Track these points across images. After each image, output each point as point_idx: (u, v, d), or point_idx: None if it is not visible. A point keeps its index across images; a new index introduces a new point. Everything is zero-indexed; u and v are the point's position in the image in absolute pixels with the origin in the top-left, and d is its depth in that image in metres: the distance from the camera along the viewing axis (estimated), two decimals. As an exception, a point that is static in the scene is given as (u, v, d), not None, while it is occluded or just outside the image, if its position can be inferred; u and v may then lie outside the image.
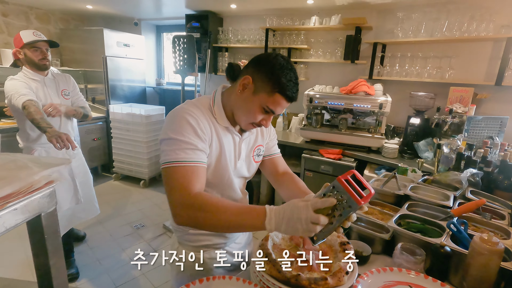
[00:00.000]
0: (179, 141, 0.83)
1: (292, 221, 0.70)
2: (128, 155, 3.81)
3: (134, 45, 4.13)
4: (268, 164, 1.15)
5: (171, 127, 0.86)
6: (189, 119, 0.86)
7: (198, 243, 1.05)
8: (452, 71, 2.58)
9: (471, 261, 0.85)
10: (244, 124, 0.95)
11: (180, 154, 0.82)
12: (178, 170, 0.81)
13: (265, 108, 0.88)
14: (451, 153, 1.89)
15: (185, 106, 0.91)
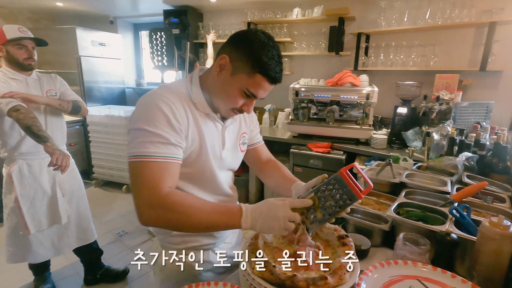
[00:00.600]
0: (150, 133, 0.73)
1: (268, 219, 0.70)
2: (109, 160, 3.62)
3: (110, 44, 3.94)
4: (251, 154, 1.07)
5: (141, 115, 0.75)
6: (163, 108, 0.75)
7: (183, 245, 0.94)
8: (436, 59, 2.57)
9: (480, 247, 0.77)
10: (224, 110, 0.84)
11: (150, 147, 0.72)
12: (148, 165, 0.72)
13: (245, 91, 0.78)
14: (442, 140, 1.85)
15: (159, 91, 0.79)
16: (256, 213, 0.70)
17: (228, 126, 0.92)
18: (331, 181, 0.73)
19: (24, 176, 1.76)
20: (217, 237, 1.00)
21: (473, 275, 0.80)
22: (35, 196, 1.80)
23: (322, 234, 0.87)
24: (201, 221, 0.71)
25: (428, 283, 0.70)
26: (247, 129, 1.01)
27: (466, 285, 0.69)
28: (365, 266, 0.79)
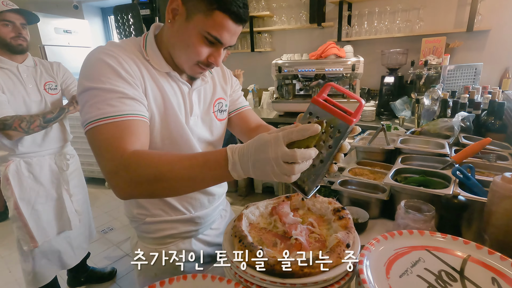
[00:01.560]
0: (99, 90, 0.60)
1: (259, 162, 0.49)
2: (86, 155, 3.40)
3: (77, 31, 3.64)
4: (236, 121, 0.91)
5: (85, 74, 0.62)
6: (107, 60, 0.62)
7: (160, 233, 0.82)
8: (422, 23, 2.46)
9: (492, 208, 0.69)
10: (187, 67, 0.71)
11: (103, 108, 0.59)
12: (104, 129, 0.59)
13: (206, 36, 0.64)
14: (433, 105, 1.77)
15: (102, 46, 0.67)
16: (245, 157, 0.51)
17: (196, 88, 0.78)
18: (307, 117, 0.54)
19: (23, 176, 1.47)
20: (200, 224, 0.87)
21: (485, 238, 0.71)
22: (37, 199, 1.52)
23: (314, 209, 0.76)
24: (181, 177, 0.54)
25: (439, 253, 0.61)
26: (225, 95, 0.87)
27: (482, 250, 0.60)
28: (365, 240, 0.69)
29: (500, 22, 2.26)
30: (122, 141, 0.58)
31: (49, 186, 1.57)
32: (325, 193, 1.05)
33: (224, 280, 0.58)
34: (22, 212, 1.47)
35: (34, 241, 1.50)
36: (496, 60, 2.31)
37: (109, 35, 4.31)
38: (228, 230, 0.68)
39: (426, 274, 0.55)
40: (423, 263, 0.58)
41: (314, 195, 0.78)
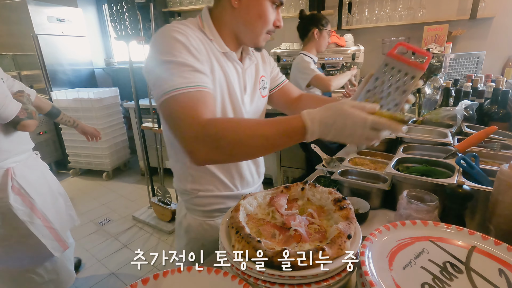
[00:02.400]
0: (172, 63, 0.64)
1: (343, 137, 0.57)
2: (84, 147, 3.38)
3: (70, 20, 3.55)
4: (279, 96, 1.00)
5: (158, 49, 0.67)
6: (177, 36, 0.66)
7: (209, 207, 0.89)
8: (424, 10, 2.41)
9: (499, 197, 0.66)
10: (260, 37, 0.77)
11: (176, 79, 0.63)
12: (178, 99, 0.62)
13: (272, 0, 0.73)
14: (435, 94, 1.74)
15: (170, 25, 0.71)
16: (327, 128, 0.56)
17: (248, 67, 0.85)
18: (382, 69, 0.63)
19: (30, 179, 1.33)
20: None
21: (490, 229, 0.69)
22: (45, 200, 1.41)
23: (314, 199, 0.74)
24: (259, 145, 0.61)
25: (443, 244, 0.59)
26: (265, 72, 0.93)
27: (488, 241, 0.58)
28: (366, 231, 0.67)
29: (504, 9, 2.21)
30: (197, 109, 0.62)
31: (41, 183, 1.45)
32: (325, 183, 1.03)
33: (220, 272, 0.56)
34: (48, 217, 1.36)
35: (64, 244, 1.43)
36: (499, 48, 2.27)
37: (104, 24, 4.21)
38: (224, 221, 0.66)
39: (431, 265, 0.53)
40: (427, 254, 0.56)
41: (313, 184, 0.75)
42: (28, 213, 1.30)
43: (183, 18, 3.36)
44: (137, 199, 2.96)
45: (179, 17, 3.37)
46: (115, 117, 3.46)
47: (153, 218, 2.55)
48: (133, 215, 2.63)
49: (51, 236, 1.38)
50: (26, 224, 1.29)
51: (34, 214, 1.32)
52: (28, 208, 1.31)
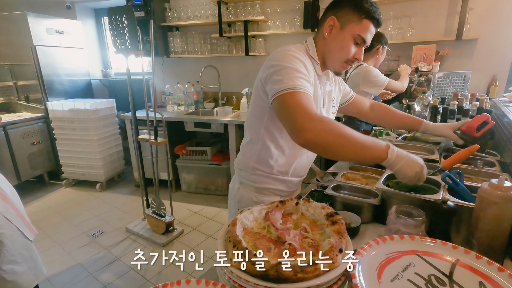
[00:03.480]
0: (293, 69, 0.84)
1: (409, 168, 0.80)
2: (78, 157, 3.37)
3: (69, 32, 3.60)
4: (352, 107, 1.23)
5: (277, 58, 0.87)
6: (294, 54, 0.87)
7: (261, 185, 1.06)
8: (413, 30, 2.52)
9: (480, 213, 0.70)
10: (338, 64, 0.95)
11: (296, 81, 0.82)
12: (297, 95, 0.80)
13: (356, 38, 0.90)
14: (424, 111, 1.81)
15: (286, 47, 0.91)
16: (400, 157, 0.79)
17: (329, 90, 1.03)
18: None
19: None
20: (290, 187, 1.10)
21: (473, 243, 0.73)
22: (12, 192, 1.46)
23: (308, 214, 0.77)
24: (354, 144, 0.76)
25: (428, 258, 0.62)
26: (335, 94, 1.10)
27: (470, 255, 0.62)
28: (357, 245, 0.71)
29: (488, 31, 2.34)
30: (311, 106, 0.79)
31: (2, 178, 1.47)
32: (318, 197, 1.06)
33: (218, 285, 0.58)
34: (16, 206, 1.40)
35: (33, 230, 1.47)
36: (484, 68, 2.38)
37: (102, 36, 4.27)
38: (222, 235, 0.69)
39: (416, 278, 0.57)
40: (413, 268, 0.59)
41: (307, 199, 0.79)
42: (3, 204, 1.35)
43: (181, 32, 3.44)
44: (131, 210, 2.94)
45: (177, 31, 3.45)
46: (110, 128, 3.47)
47: (147, 230, 2.53)
48: (127, 227, 2.61)
49: (23, 223, 1.42)
50: (3, 214, 1.34)
51: (8, 204, 1.37)
52: (2, 200, 1.36)
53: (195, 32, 3.37)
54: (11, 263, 1.40)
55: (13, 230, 1.38)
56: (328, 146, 0.76)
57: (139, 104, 3.06)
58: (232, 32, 3.18)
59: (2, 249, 1.35)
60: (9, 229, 1.37)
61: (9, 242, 1.38)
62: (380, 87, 2.01)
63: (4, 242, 1.35)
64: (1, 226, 1.35)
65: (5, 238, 1.36)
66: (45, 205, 3.12)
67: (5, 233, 1.36)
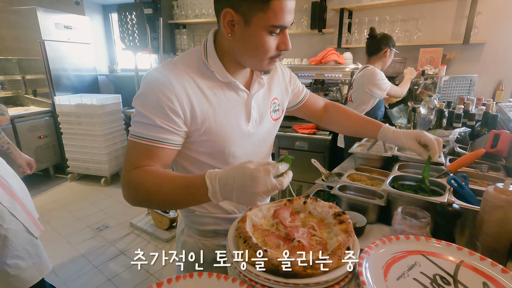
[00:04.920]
0: (140, 113, 0.69)
1: (245, 194, 0.57)
2: (84, 152, 3.40)
3: (77, 27, 3.63)
4: (304, 109, 1.04)
5: (139, 94, 0.71)
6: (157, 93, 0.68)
7: (204, 227, 0.88)
8: (420, 33, 2.52)
9: (485, 216, 0.72)
10: (261, 66, 0.73)
11: (137, 127, 0.69)
12: (131, 145, 0.69)
13: (270, 30, 0.66)
14: (429, 114, 1.82)
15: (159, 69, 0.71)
16: (228, 186, 0.57)
17: (255, 93, 0.81)
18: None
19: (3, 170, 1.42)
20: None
21: (477, 245, 0.75)
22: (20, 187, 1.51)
23: (315, 213, 0.79)
24: (167, 198, 0.64)
25: (433, 258, 0.64)
26: (279, 94, 0.90)
27: (474, 256, 0.63)
28: (363, 244, 0.72)
29: (495, 36, 2.33)
30: (136, 160, 0.68)
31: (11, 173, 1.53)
32: (324, 197, 1.08)
33: (229, 279, 0.60)
34: (24, 202, 1.43)
35: (39, 226, 1.49)
36: (490, 72, 2.38)
37: (110, 32, 4.30)
38: (232, 231, 0.71)
39: (422, 277, 0.58)
40: (419, 267, 0.61)
41: (315, 198, 0.81)
42: (10, 200, 1.38)
43: (188, 30, 3.47)
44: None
45: (184, 29, 3.47)
46: (116, 123, 3.50)
47: (151, 225, 2.56)
48: (131, 222, 2.65)
49: (29, 220, 1.44)
50: (9, 209, 1.37)
51: (15, 200, 1.40)
52: (9, 195, 1.39)
53: (202, 30, 3.39)
54: (15, 258, 1.42)
55: (18, 226, 1.41)
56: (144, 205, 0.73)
57: (145, 101, 3.09)
58: (239, 31, 3.19)
59: (7, 244, 1.38)
60: (14, 225, 1.39)
61: (14, 238, 1.41)
62: (384, 91, 2.02)
63: (9, 237, 1.39)
64: (7, 222, 1.38)
65: (10, 234, 1.39)
66: (50, 198, 3.16)
67: (10, 229, 1.39)
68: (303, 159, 2.25)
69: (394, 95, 2.14)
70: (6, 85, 3.45)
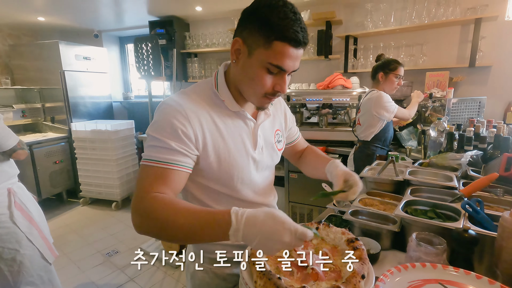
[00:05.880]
0: (154, 138, 0.70)
1: (270, 241, 0.55)
2: (96, 176, 3.47)
3: (95, 58, 3.85)
4: (290, 150, 1.06)
5: (153, 121, 0.73)
6: (171, 120, 0.70)
7: (213, 255, 0.83)
8: (425, 57, 2.57)
9: (503, 243, 0.70)
10: (255, 99, 0.76)
11: (150, 152, 0.70)
12: (144, 169, 0.69)
13: (268, 67, 0.68)
14: (439, 136, 1.81)
15: (174, 98, 0.75)
16: (255, 228, 0.55)
17: (261, 123, 0.85)
18: None
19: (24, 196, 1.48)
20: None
21: (497, 274, 0.72)
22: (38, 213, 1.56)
23: (328, 239, 0.79)
24: (180, 230, 0.60)
25: (452, 287, 0.63)
26: (280, 126, 0.95)
27: (494, 286, 0.62)
28: (378, 271, 0.71)
29: (501, 59, 2.36)
30: (151, 185, 0.66)
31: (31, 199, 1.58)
32: (336, 222, 1.07)
33: (243, 307, 0.60)
34: (41, 228, 1.47)
35: (54, 252, 1.52)
36: (499, 94, 2.38)
37: (125, 61, 4.53)
38: (245, 258, 0.71)
39: (441, 307, 0.57)
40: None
41: (327, 224, 0.81)
42: (28, 225, 1.43)
43: (200, 59, 3.63)
44: (145, 230, 2.97)
45: (196, 57, 3.64)
46: (129, 148, 3.59)
47: (161, 250, 2.54)
48: (141, 247, 2.63)
49: (45, 245, 1.48)
50: (26, 235, 1.41)
51: (32, 225, 1.44)
52: (27, 221, 1.44)
53: (213, 58, 3.54)
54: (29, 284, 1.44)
55: (34, 252, 1.44)
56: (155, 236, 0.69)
57: (157, 126, 3.18)
58: (248, 59, 3.32)
59: (22, 270, 1.40)
60: (30, 250, 1.43)
61: (29, 263, 1.43)
62: (392, 113, 2.04)
63: (24, 263, 1.41)
64: (24, 247, 1.41)
65: (26, 259, 1.42)
66: (63, 223, 3.19)
67: (27, 254, 1.42)
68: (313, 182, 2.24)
69: (402, 117, 2.15)
70: (26, 113, 3.62)
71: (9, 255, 1.38)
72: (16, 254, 1.38)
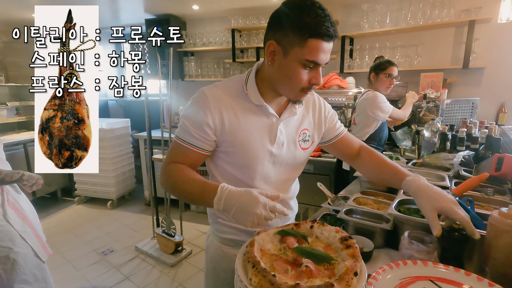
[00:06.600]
0: (183, 121, 0.87)
1: (243, 212, 0.71)
2: (91, 175, 3.45)
3: (91, 56, 3.81)
4: (337, 146, 1.04)
5: (186, 105, 0.89)
6: (198, 108, 0.84)
7: (224, 235, 0.97)
8: (420, 58, 2.60)
9: (492, 241, 0.72)
10: (293, 95, 0.83)
11: (179, 131, 0.87)
12: (175, 143, 0.88)
13: (304, 63, 0.74)
14: (433, 137, 1.84)
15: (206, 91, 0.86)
16: (233, 200, 0.72)
17: (285, 119, 0.89)
18: None
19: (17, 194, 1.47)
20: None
21: (486, 271, 0.74)
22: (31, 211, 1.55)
23: (322, 237, 0.80)
24: (187, 191, 0.81)
25: (442, 284, 0.64)
26: (311, 126, 0.95)
27: (482, 282, 0.64)
28: (370, 269, 0.72)
29: (494, 60, 2.40)
30: (174, 156, 0.87)
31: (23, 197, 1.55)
32: (331, 221, 1.08)
33: (238, 304, 0.61)
34: (34, 226, 1.46)
35: (47, 250, 1.51)
36: (492, 95, 2.42)
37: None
38: (240, 255, 0.72)
39: (430, 303, 0.59)
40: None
41: (321, 223, 0.82)
42: (21, 223, 1.42)
43: (196, 58, 3.62)
44: (141, 229, 2.97)
45: (192, 56, 3.63)
46: (124, 146, 3.58)
47: (156, 249, 2.54)
48: (136, 246, 2.63)
49: (38, 244, 1.47)
50: (20, 233, 1.40)
51: (26, 223, 1.43)
52: (21, 219, 1.43)
53: (209, 57, 3.54)
54: (22, 283, 1.43)
55: (28, 250, 1.43)
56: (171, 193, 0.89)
57: (154, 125, 3.18)
58: (245, 58, 3.33)
59: (15, 268, 1.40)
60: (24, 248, 1.42)
61: (23, 262, 1.42)
62: (386, 114, 2.06)
63: (18, 261, 1.40)
64: (17, 245, 1.40)
65: (20, 257, 1.41)
66: (58, 221, 3.17)
67: (20, 252, 1.41)
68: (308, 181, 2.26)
69: (397, 117, 2.18)
70: (21, 110, 3.59)
71: (3, 253, 1.37)
72: (10, 252, 1.38)
